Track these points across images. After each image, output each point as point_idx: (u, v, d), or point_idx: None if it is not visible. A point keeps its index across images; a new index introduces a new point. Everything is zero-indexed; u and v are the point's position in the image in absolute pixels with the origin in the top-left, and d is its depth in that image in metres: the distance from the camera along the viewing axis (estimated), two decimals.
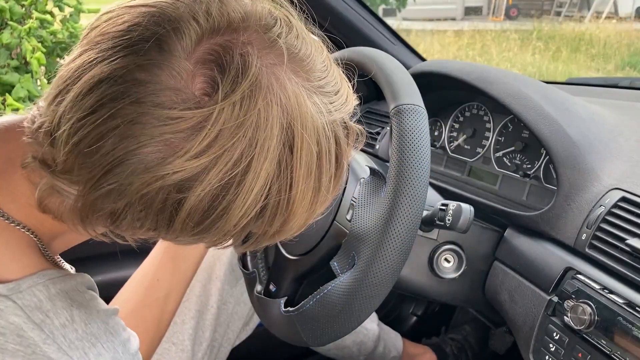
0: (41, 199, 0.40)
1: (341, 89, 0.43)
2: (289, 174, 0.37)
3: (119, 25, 0.36)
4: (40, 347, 0.38)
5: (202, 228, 0.37)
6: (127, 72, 0.34)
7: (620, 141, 0.71)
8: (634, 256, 0.56)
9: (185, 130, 0.34)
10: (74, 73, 0.35)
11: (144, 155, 0.34)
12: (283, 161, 0.37)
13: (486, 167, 0.87)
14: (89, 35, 0.37)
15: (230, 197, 0.36)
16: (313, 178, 0.39)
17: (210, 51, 0.35)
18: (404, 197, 0.51)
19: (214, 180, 0.35)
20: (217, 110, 0.34)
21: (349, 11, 1.07)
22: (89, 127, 0.34)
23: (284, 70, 0.37)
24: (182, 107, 0.33)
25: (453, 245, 0.68)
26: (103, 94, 0.34)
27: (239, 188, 0.36)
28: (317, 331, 0.57)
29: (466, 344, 1.20)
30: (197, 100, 0.34)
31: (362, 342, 1.06)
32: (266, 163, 0.36)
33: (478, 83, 0.79)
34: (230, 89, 0.34)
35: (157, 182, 0.34)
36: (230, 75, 0.34)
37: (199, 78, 0.34)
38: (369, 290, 0.52)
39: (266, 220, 0.39)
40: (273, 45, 0.37)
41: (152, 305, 0.67)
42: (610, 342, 0.54)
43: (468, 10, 12.02)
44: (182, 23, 0.35)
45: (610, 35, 7.31)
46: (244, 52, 0.35)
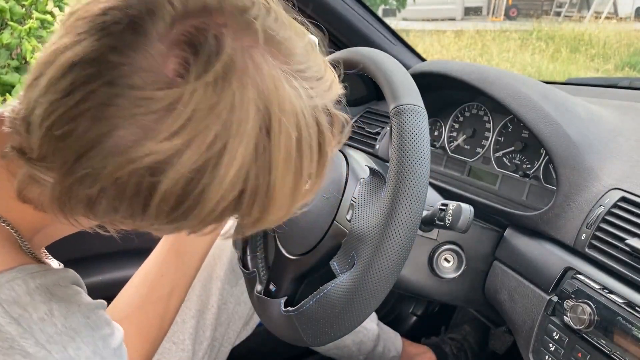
0: (20, 189, 0.39)
1: (325, 76, 0.42)
2: (267, 157, 0.37)
3: (95, 9, 0.35)
4: (18, 342, 0.38)
5: (179, 214, 0.36)
6: (100, 55, 0.33)
7: (620, 141, 0.71)
8: (633, 256, 0.56)
9: (157, 111, 0.33)
10: (49, 57, 0.35)
11: (117, 137, 0.33)
12: (260, 144, 0.36)
13: (486, 167, 0.87)
14: (68, 21, 0.37)
15: (206, 180, 0.35)
16: (293, 164, 0.38)
17: (184, 33, 0.34)
18: (403, 197, 0.51)
19: (188, 163, 0.34)
20: (190, 91, 0.33)
21: (349, 11, 1.07)
22: (62, 109, 0.33)
23: (260, 52, 0.36)
24: (153, 87, 0.33)
25: (453, 245, 0.68)
26: (76, 76, 0.33)
27: (215, 172, 0.35)
28: (316, 331, 0.57)
29: (466, 343, 1.20)
30: (169, 81, 0.33)
31: (361, 342, 1.06)
32: (242, 146, 0.35)
33: (478, 83, 0.79)
34: (203, 69, 0.33)
35: (130, 166, 0.34)
36: (203, 56, 0.34)
37: (172, 59, 0.34)
38: (368, 290, 0.52)
39: (244, 206, 0.38)
40: (249, 27, 0.36)
41: (156, 301, 0.66)
42: (610, 342, 0.54)
43: (468, 10, 12.02)
44: (157, 6, 0.34)
45: (610, 35, 7.31)
46: (218, 34, 0.35)
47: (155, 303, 0.65)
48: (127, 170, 0.34)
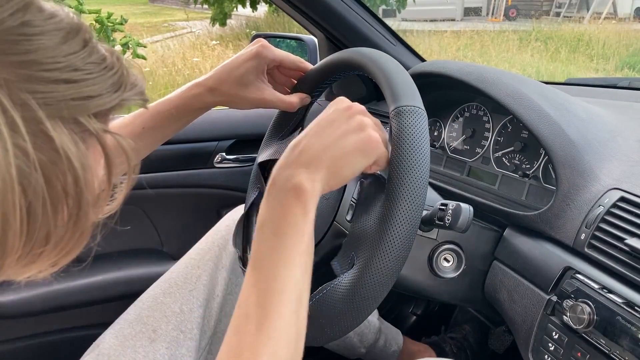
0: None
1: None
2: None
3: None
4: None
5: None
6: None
7: (619, 141, 0.71)
8: (632, 256, 0.56)
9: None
10: None
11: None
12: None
13: (485, 167, 0.87)
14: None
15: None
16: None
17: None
18: (403, 198, 0.52)
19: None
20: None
21: (349, 12, 1.07)
22: None
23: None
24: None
25: (452, 244, 0.69)
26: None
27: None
28: (316, 331, 0.57)
29: (465, 343, 1.20)
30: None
31: (362, 333, 1.07)
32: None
33: (477, 83, 0.79)
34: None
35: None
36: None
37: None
38: (368, 290, 0.53)
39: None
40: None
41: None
42: (609, 342, 0.54)
43: (467, 11, 12.01)
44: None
45: (609, 35, 7.31)
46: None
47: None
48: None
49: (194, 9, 11.73)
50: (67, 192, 0.32)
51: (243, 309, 0.42)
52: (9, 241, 0.30)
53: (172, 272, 0.87)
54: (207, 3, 7.74)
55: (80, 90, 0.32)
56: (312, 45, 1.12)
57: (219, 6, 7.58)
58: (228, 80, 0.69)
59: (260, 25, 8.65)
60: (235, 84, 0.69)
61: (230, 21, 8.13)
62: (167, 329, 0.78)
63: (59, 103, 0.30)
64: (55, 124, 0.30)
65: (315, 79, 0.74)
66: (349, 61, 0.66)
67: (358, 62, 0.64)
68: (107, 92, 0.33)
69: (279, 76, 0.75)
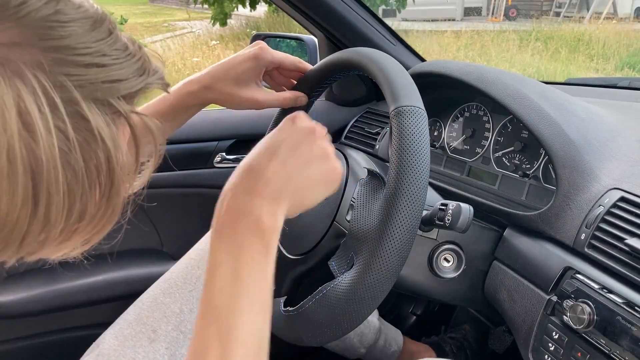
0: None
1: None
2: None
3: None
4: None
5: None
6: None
7: (619, 141, 0.71)
8: (633, 256, 0.56)
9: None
10: None
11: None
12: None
13: (485, 167, 0.87)
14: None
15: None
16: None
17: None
18: (403, 198, 0.52)
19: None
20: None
21: (349, 12, 1.07)
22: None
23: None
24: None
25: (452, 245, 0.69)
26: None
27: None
28: (316, 331, 0.57)
29: (465, 343, 1.20)
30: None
31: (362, 334, 1.07)
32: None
33: (477, 83, 0.79)
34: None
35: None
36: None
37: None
38: (368, 290, 0.53)
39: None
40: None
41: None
42: (609, 342, 0.54)
43: (467, 10, 12.02)
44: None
45: (609, 35, 7.32)
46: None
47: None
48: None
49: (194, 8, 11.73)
50: (100, 170, 0.34)
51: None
52: (52, 214, 0.32)
53: (172, 272, 0.87)
54: (207, 3, 7.74)
55: (109, 74, 0.33)
56: (312, 45, 1.12)
57: (219, 6, 7.58)
58: (224, 78, 0.69)
59: (260, 25, 8.65)
60: (231, 83, 0.69)
61: (230, 21, 8.13)
62: (167, 329, 0.78)
63: (92, 85, 0.32)
64: (89, 105, 0.32)
65: (315, 79, 0.74)
66: (349, 61, 0.66)
67: (358, 62, 0.64)
68: (133, 76, 0.35)
69: (279, 77, 0.76)
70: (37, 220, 0.31)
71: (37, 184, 0.30)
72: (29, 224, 0.31)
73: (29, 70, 0.30)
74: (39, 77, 0.30)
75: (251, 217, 0.43)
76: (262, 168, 0.46)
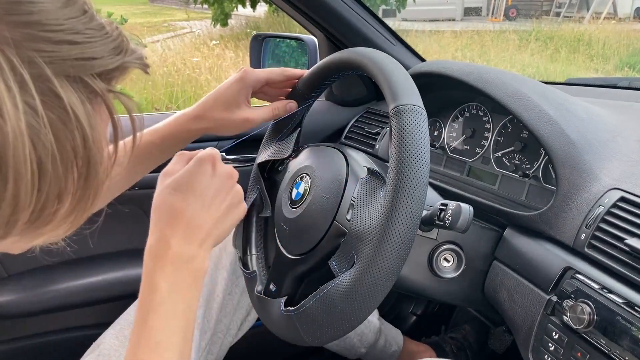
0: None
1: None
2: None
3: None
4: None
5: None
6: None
7: (619, 141, 0.71)
8: (632, 256, 0.56)
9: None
10: None
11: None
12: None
13: (485, 167, 0.87)
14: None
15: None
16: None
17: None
18: (403, 197, 0.52)
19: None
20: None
21: (349, 12, 1.07)
22: None
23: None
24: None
25: (452, 244, 0.69)
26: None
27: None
28: (317, 331, 0.57)
29: (465, 343, 1.20)
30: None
31: (363, 333, 1.07)
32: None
33: (477, 83, 0.79)
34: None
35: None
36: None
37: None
38: (368, 290, 0.53)
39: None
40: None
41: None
42: (609, 342, 0.54)
43: (467, 10, 12.02)
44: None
45: (609, 35, 7.33)
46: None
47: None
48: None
49: (194, 9, 11.73)
50: (76, 151, 0.33)
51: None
52: (21, 193, 0.31)
53: None
54: (207, 3, 7.74)
55: (83, 51, 0.33)
56: (312, 45, 1.12)
57: (219, 6, 7.58)
58: (214, 105, 0.71)
59: (260, 25, 8.65)
60: (221, 109, 0.71)
61: (230, 21, 8.13)
62: None
63: (64, 62, 0.32)
64: (62, 82, 0.31)
65: (315, 79, 0.74)
66: (349, 61, 0.66)
67: (357, 62, 0.64)
68: (108, 55, 0.34)
69: (271, 91, 0.77)
70: (5, 201, 0.30)
71: (5, 161, 0.29)
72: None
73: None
74: (6, 52, 0.29)
75: (190, 265, 0.52)
76: (195, 217, 0.53)
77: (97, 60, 0.33)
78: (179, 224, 0.52)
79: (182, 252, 0.52)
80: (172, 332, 0.49)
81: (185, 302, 0.51)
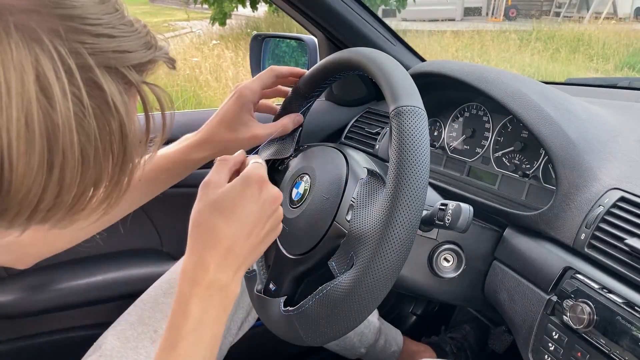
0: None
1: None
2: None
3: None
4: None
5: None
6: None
7: (619, 141, 0.71)
8: (632, 256, 0.56)
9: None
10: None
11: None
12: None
13: (485, 167, 0.87)
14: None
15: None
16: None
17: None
18: (403, 198, 0.52)
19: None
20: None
21: (349, 12, 1.07)
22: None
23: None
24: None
25: (452, 244, 0.69)
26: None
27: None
28: (316, 331, 0.57)
29: (465, 343, 1.20)
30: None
31: (362, 333, 1.07)
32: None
33: (477, 83, 0.79)
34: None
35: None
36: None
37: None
38: (368, 290, 0.53)
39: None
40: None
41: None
42: (609, 342, 0.54)
43: (467, 10, 12.02)
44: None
45: (609, 35, 7.33)
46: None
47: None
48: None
49: (194, 9, 11.73)
50: (113, 139, 0.34)
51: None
52: (67, 178, 0.32)
53: (172, 272, 0.87)
54: (207, 3, 7.74)
55: (120, 44, 0.34)
56: (312, 45, 1.12)
57: (219, 6, 7.58)
58: (219, 128, 0.71)
59: (260, 25, 8.65)
60: (228, 131, 0.71)
61: (231, 21, 8.13)
62: None
63: (104, 54, 0.33)
64: (102, 73, 0.33)
65: (315, 79, 0.74)
66: (349, 61, 0.66)
67: (358, 62, 0.64)
68: (141, 49, 0.36)
69: (270, 93, 0.77)
70: (51, 184, 0.32)
71: (53, 147, 0.31)
72: (44, 187, 0.32)
73: (46, 36, 0.30)
74: (55, 43, 0.30)
75: (224, 292, 0.52)
76: (235, 244, 0.52)
77: (132, 53, 0.35)
78: (219, 249, 0.51)
79: (219, 278, 0.51)
80: (199, 358, 0.51)
81: (214, 330, 0.52)
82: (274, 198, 0.55)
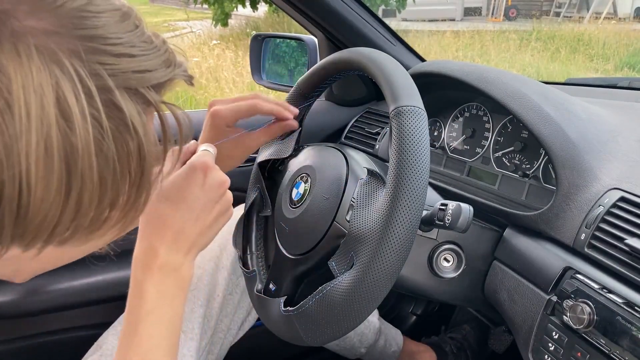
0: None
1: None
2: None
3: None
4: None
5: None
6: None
7: (619, 141, 0.71)
8: (632, 256, 0.56)
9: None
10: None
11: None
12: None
13: (485, 167, 0.87)
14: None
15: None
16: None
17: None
18: (403, 198, 0.52)
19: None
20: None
21: (349, 12, 1.07)
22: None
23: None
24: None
25: (452, 244, 0.69)
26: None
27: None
28: (316, 331, 0.57)
29: (465, 343, 1.20)
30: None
31: (362, 334, 1.07)
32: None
33: (477, 83, 0.79)
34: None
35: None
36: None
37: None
38: (368, 290, 0.53)
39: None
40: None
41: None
42: (609, 342, 0.54)
43: (467, 10, 12.02)
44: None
45: (609, 35, 7.33)
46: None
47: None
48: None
49: (194, 9, 11.73)
50: (130, 159, 0.34)
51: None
52: (84, 202, 0.32)
53: None
54: (207, 3, 7.74)
55: (140, 64, 0.34)
56: (312, 45, 1.12)
57: (219, 6, 7.58)
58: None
59: (260, 25, 8.65)
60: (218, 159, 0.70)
61: (231, 21, 8.13)
62: None
63: (124, 75, 0.33)
64: (122, 94, 0.33)
65: (315, 78, 0.74)
66: (349, 61, 0.66)
67: (358, 62, 0.64)
68: (160, 67, 0.36)
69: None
70: (69, 208, 0.31)
71: (71, 171, 0.30)
72: (62, 211, 0.31)
73: (66, 58, 0.30)
74: (75, 65, 0.30)
75: (177, 274, 0.53)
76: (183, 227, 0.54)
77: (152, 72, 0.35)
78: (167, 234, 0.53)
79: (169, 261, 0.53)
80: (161, 338, 0.51)
81: (173, 309, 0.53)
82: (219, 183, 0.57)
